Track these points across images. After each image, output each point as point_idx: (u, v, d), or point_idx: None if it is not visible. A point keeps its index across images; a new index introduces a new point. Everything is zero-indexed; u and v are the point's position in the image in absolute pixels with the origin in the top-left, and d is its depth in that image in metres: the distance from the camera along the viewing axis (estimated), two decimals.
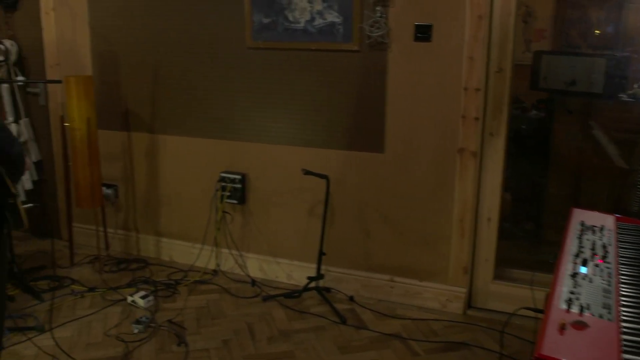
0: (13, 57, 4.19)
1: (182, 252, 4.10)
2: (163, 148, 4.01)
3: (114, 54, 3.99)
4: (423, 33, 3.25)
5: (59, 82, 3.78)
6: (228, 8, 3.60)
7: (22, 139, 4.27)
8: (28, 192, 4.36)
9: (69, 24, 4.09)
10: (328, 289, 3.66)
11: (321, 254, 3.54)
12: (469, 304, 3.53)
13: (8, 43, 4.18)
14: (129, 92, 4.02)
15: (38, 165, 4.40)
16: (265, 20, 3.50)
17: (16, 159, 2.01)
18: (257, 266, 3.90)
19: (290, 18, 3.45)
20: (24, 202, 2.19)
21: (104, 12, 3.95)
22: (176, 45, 3.80)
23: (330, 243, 3.64)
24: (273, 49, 3.54)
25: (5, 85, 4.22)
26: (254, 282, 3.78)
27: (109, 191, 4.15)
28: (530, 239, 4.38)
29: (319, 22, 3.39)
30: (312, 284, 3.59)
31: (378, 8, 3.27)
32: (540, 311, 1.97)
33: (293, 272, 3.81)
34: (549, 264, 2.10)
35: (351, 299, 3.61)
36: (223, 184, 3.79)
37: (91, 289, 3.69)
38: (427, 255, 3.50)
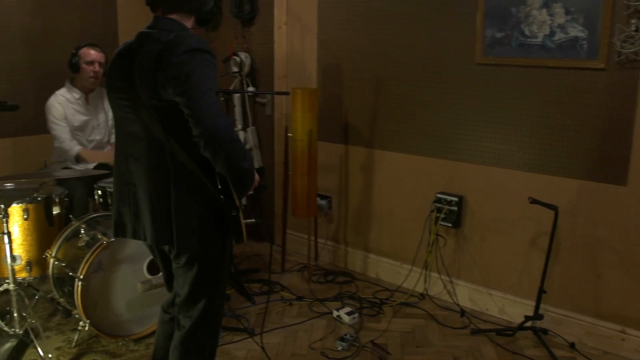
0: (246, 69, 4.46)
1: (389, 271, 4.01)
2: (379, 163, 3.95)
3: (338, 67, 4.05)
4: None
5: (286, 93, 3.92)
6: (458, 22, 3.43)
7: (247, 146, 4.53)
8: (248, 197, 4.61)
9: (299, 38, 4.23)
10: (545, 331, 3.30)
11: (541, 291, 3.20)
12: None
13: (243, 55, 4.45)
14: (350, 106, 4.04)
15: (259, 172, 4.63)
16: (498, 35, 3.27)
17: (245, 173, 2.04)
18: (467, 295, 3.66)
19: (527, 32, 3.17)
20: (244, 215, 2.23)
21: (332, 26, 4.02)
22: (400, 59, 3.72)
23: (552, 280, 3.28)
24: (504, 66, 3.29)
25: (237, 95, 4.51)
26: (463, 312, 3.54)
27: (323, 202, 4.21)
28: None
29: (559, 36, 3.08)
30: (529, 323, 3.26)
31: (633, 21, 2.86)
32: None
33: (506, 307, 3.51)
34: None
35: (572, 346, 3.21)
36: (439, 205, 3.61)
37: (299, 298, 3.75)
38: None
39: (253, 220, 3.42)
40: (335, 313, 3.50)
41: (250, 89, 4.49)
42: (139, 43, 2.06)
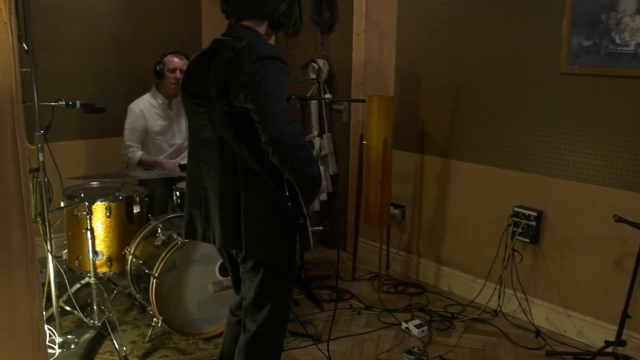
0: (324, 76, 4.48)
1: (461, 285, 3.90)
2: (455, 174, 3.86)
3: (416, 75, 3.99)
4: None
5: (363, 101, 3.90)
6: (542, 30, 3.30)
7: (323, 153, 4.54)
8: (321, 203, 4.61)
9: (377, 45, 4.21)
10: (628, 358, 3.10)
11: (625, 316, 3.01)
12: None
13: (321, 62, 4.47)
14: (427, 114, 3.97)
15: (334, 178, 4.63)
16: (586, 43, 3.12)
17: (313, 180, 2.04)
18: (543, 314, 3.50)
19: (617, 40, 3.01)
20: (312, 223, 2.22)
21: (411, 33, 3.97)
22: (480, 68, 3.62)
23: (637, 305, 3.08)
24: (592, 75, 3.13)
25: (314, 102, 4.54)
26: (538, 333, 3.38)
27: (396, 211, 4.16)
28: None
29: None
30: (610, 349, 3.07)
31: None
32: None
33: (585, 330, 3.33)
34: None
35: None
36: (516, 219, 3.48)
37: (368, 307, 3.70)
38: None
39: (320, 227, 3.41)
40: (404, 325, 3.44)
41: (327, 95, 4.50)
42: (213, 50, 2.10)
